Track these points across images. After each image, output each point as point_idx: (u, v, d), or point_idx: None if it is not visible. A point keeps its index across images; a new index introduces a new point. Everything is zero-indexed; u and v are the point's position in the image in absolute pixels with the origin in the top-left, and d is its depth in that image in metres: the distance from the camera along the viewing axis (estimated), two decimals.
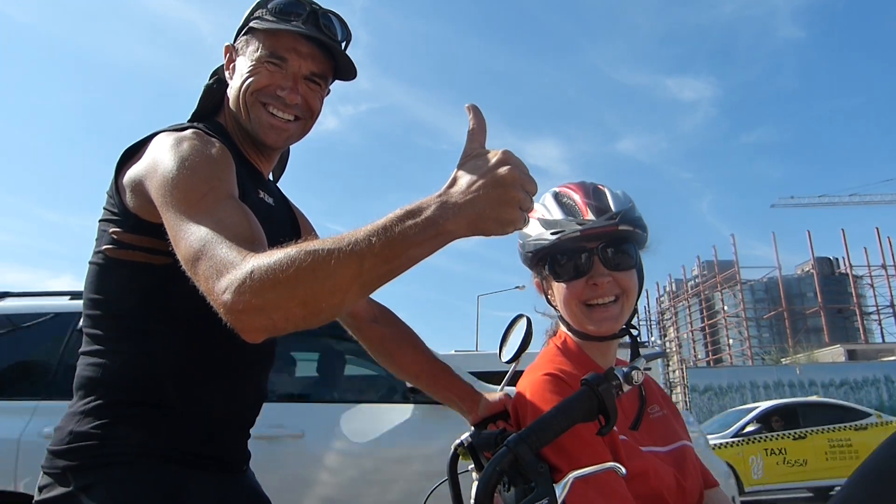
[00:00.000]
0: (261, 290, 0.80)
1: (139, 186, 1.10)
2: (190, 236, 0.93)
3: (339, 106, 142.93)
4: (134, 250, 1.14)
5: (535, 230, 1.28)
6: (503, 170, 0.83)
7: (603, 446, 1.11)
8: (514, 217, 0.84)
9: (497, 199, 0.82)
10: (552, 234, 1.24)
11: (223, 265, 0.86)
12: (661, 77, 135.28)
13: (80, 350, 1.17)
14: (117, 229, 1.15)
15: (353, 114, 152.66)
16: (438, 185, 0.86)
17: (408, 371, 1.49)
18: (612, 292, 1.25)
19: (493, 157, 0.85)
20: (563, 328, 1.35)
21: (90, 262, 1.18)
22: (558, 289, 1.29)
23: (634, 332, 1.31)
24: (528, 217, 0.87)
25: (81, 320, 1.20)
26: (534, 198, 0.86)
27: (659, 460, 1.22)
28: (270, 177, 1.43)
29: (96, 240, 1.19)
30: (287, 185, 1.52)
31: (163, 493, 1.06)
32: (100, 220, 1.19)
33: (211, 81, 1.36)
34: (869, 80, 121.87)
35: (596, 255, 1.24)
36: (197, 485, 1.11)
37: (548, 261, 1.29)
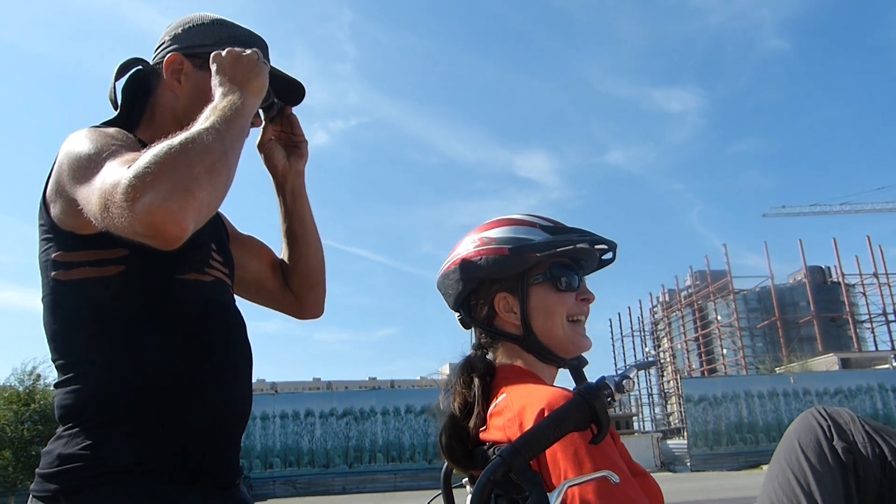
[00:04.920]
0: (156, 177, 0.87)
1: (56, 194, 1.10)
2: (91, 188, 0.96)
3: (328, 121, 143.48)
4: (83, 267, 1.11)
5: (533, 235, 1.24)
6: None
7: (616, 454, 1.10)
8: None
9: None
10: (571, 240, 1.22)
11: (113, 181, 0.91)
12: (649, 88, 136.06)
13: (55, 384, 1.14)
14: (58, 252, 1.12)
15: (344, 128, 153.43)
16: (429, 198, 0.85)
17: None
18: (587, 312, 1.29)
19: None
20: (517, 351, 1.26)
21: (43, 299, 1.15)
22: (545, 301, 1.24)
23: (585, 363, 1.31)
24: None
25: (51, 359, 1.16)
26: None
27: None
28: None
29: (42, 274, 1.15)
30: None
31: None
32: (39, 254, 1.16)
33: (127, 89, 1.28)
34: (856, 89, 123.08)
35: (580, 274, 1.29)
36: (191, 501, 1.10)
37: (547, 269, 1.25)
